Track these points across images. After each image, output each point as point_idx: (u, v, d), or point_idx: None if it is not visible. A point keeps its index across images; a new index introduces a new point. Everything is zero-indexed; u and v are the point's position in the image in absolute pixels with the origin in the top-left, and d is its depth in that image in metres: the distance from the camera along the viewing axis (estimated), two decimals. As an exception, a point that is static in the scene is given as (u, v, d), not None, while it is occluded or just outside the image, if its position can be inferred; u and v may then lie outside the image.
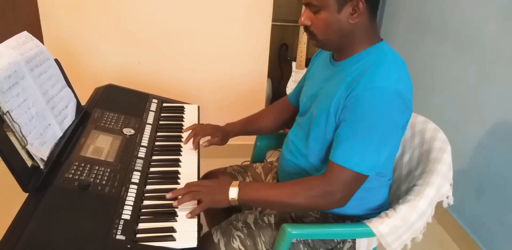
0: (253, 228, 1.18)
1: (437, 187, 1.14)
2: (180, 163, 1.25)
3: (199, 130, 1.36)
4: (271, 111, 1.48)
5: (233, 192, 1.06)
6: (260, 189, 1.10)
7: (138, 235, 0.95)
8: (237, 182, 1.09)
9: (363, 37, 1.08)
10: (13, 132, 1.01)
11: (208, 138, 1.37)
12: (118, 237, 0.91)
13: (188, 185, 1.09)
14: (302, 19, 1.08)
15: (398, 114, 1.03)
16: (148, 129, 1.38)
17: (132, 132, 1.32)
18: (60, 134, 1.20)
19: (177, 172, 1.20)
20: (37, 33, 1.65)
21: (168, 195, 1.07)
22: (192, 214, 1.03)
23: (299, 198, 1.05)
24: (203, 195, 1.06)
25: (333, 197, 1.04)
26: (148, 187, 1.12)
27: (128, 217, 0.98)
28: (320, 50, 1.31)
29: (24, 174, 0.99)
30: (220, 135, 1.37)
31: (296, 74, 2.69)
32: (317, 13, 1.05)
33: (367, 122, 1.01)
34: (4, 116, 0.99)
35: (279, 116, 1.46)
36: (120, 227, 0.94)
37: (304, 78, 1.36)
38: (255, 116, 1.48)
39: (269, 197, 1.08)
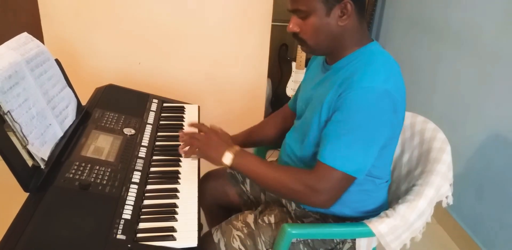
0: (253, 228, 1.18)
1: (436, 187, 1.15)
2: (180, 163, 1.25)
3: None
4: (273, 121, 1.45)
5: (228, 158, 1.11)
6: (253, 165, 1.12)
7: (139, 235, 0.95)
8: (235, 149, 1.12)
9: (353, 39, 1.08)
10: (14, 132, 1.01)
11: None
12: (118, 236, 0.91)
13: (193, 134, 1.22)
14: (291, 26, 1.07)
15: (385, 114, 1.02)
16: (148, 129, 1.39)
17: (133, 131, 1.33)
18: (61, 134, 1.21)
19: (178, 172, 1.21)
20: (38, 34, 1.65)
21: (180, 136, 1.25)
22: (184, 154, 1.21)
23: (282, 187, 1.08)
24: (201, 144, 1.17)
25: (318, 195, 1.03)
26: (149, 187, 1.13)
27: (128, 217, 0.98)
28: None
29: (25, 173, 1.00)
30: None
31: (296, 74, 2.70)
32: (306, 18, 1.04)
33: (352, 122, 1.01)
34: (5, 116, 0.99)
35: (282, 125, 1.42)
36: (121, 226, 0.94)
37: (301, 83, 1.36)
38: (256, 127, 1.45)
39: (258, 175, 1.10)
